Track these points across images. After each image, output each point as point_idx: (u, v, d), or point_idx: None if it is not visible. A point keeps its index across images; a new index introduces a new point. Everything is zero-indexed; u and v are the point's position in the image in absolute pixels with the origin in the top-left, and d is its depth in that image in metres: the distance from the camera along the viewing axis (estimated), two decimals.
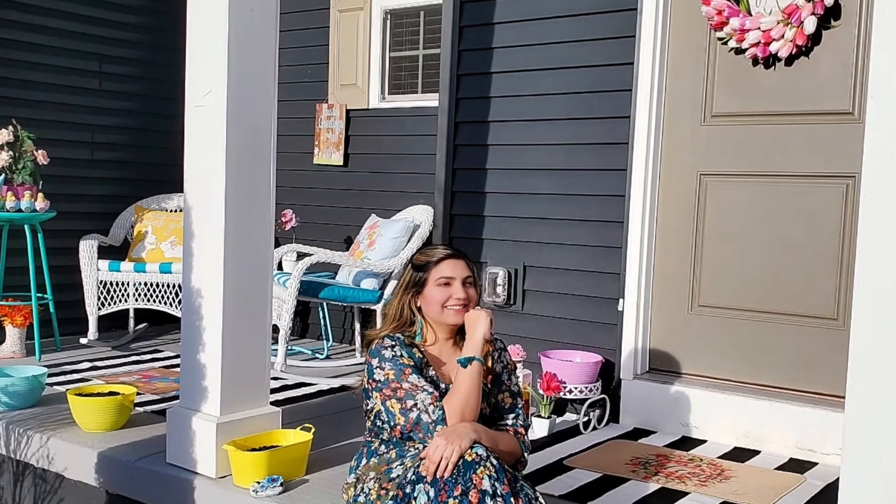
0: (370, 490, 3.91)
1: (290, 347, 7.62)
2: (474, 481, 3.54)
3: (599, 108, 6.50)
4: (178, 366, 5.54)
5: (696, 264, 6.26)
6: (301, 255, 7.80)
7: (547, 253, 6.80)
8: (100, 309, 8.02)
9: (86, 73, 8.62)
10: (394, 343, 4.10)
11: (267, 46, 4.94)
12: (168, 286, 8.01)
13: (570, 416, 6.45)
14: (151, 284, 8.04)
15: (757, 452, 5.80)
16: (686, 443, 5.97)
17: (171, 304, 8.03)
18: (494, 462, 3.63)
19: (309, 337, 9.02)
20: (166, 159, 8.18)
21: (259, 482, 4.62)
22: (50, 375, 6.43)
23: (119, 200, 8.73)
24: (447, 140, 7.17)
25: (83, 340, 8.02)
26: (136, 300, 8.11)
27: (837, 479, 3.48)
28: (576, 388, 6.20)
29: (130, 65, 8.97)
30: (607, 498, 4.86)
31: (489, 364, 4.18)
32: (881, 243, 4.41)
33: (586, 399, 6.21)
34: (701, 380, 6.25)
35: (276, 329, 6.91)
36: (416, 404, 3.89)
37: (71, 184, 8.34)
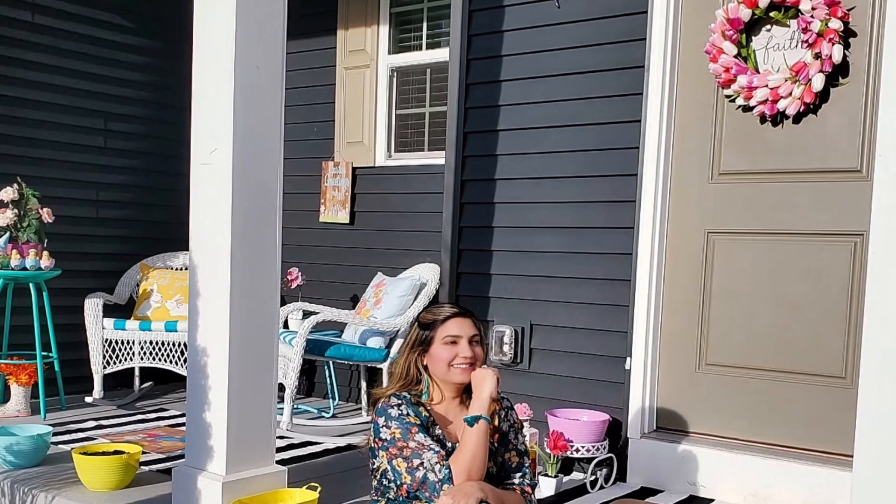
0: None
1: (295, 406, 7.57)
2: None
3: (606, 166, 6.50)
4: (183, 424, 5.53)
5: (704, 322, 6.23)
6: (307, 314, 7.76)
7: (554, 311, 6.77)
8: (105, 367, 8.01)
9: (91, 130, 8.63)
10: (400, 402, 4.08)
11: (273, 104, 4.95)
12: (173, 344, 7.99)
13: (577, 475, 6.40)
14: (157, 343, 8.02)
15: None
16: (694, 502, 5.92)
17: (176, 363, 8.00)
18: None
19: (315, 395, 8.97)
20: (172, 217, 8.17)
21: None
22: (55, 434, 6.40)
23: (124, 258, 8.72)
24: (454, 198, 7.17)
25: (88, 399, 8.01)
26: (142, 359, 8.09)
27: None
28: (583, 447, 6.16)
29: (136, 122, 8.98)
30: None
31: (496, 423, 4.18)
32: (889, 301, 4.39)
33: (593, 458, 6.16)
34: (709, 438, 6.20)
35: (281, 387, 6.87)
36: (422, 463, 3.87)
37: (76, 242, 8.33)
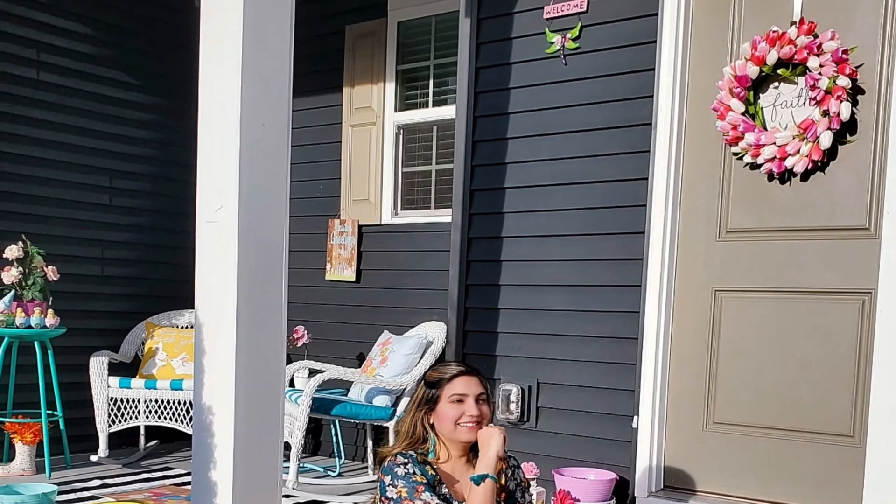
0: None
1: (301, 464, 7.54)
2: None
3: (613, 224, 6.50)
4: (189, 483, 5.48)
5: (712, 380, 6.21)
6: (313, 372, 7.76)
7: (561, 369, 6.75)
8: (110, 426, 7.99)
9: (96, 188, 8.63)
10: (406, 460, 4.07)
11: (279, 161, 4.94)
12: (179, 403, 7.97)
13: None
14: (162, 401, 8.01)
15: None
16: None
17: (182, 421, 7.98)
18: None
19: (321, 454, 8.93)
20: (177, 275, 8.15)
21: None
22: (60, 493, 6.38)
23: (130, 316, 8.72)
24: (460, 256, 7.16)
25: (94, 458, 7.97)
26: (147, 417, 8.08)
27: None
28: None
29: (141, 180, 9.00)
30: None
31: (503, 481, 4.17)
32: None
33: None
34: (716, 497, 6.16)
35: (287, 446, 6.85)
36: None
37: (81, 300, 8.32)
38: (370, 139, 8.62)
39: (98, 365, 7.93)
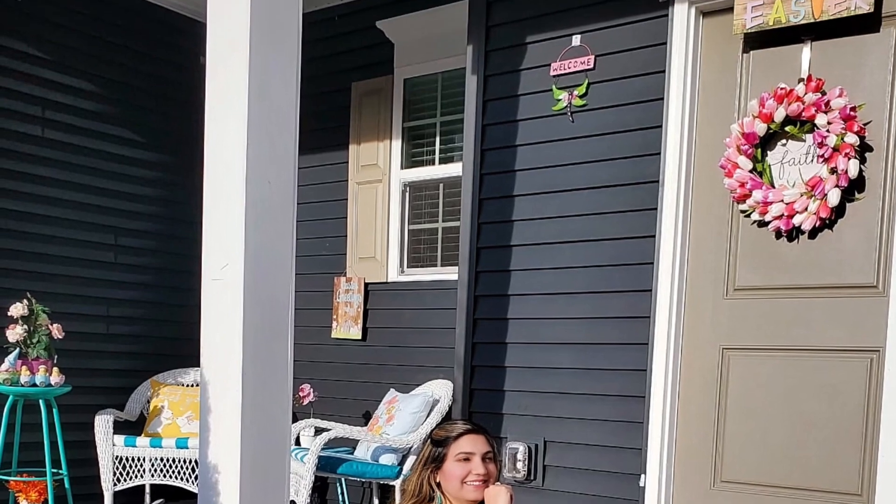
0: None
1: None
2: None
3: (620, 282, 6.49)
4: None
5: (719, 439, 6.17)
6: (319, 430, 7.73)
7: (567, 428, 6.72)
8: (115, 484, 7.96)
9: (101, 245, 8.63)
10: None
11: (284, 219, 4.95)
12: (184, 461, 7.94)
13: None
14: (168, 460, 7.97)
15: None
16: None
17: (187, 480, 7.94)
18: None
19: None
20: (182, 333, 8.14)
21: None
22: None
23: (135, 375, 8.69)
24: (467, 313, 7.16)
25: None
26: (153, 475, 8.04)
27: None
28: None
29: (146, 237, 8.99)
30: None
31: None
32: None
33: None
34: None
35: None
36: None
37: (86, 358, 8.29)
38: (376, 196, 8.63)
39: (103, 423, 7.92)
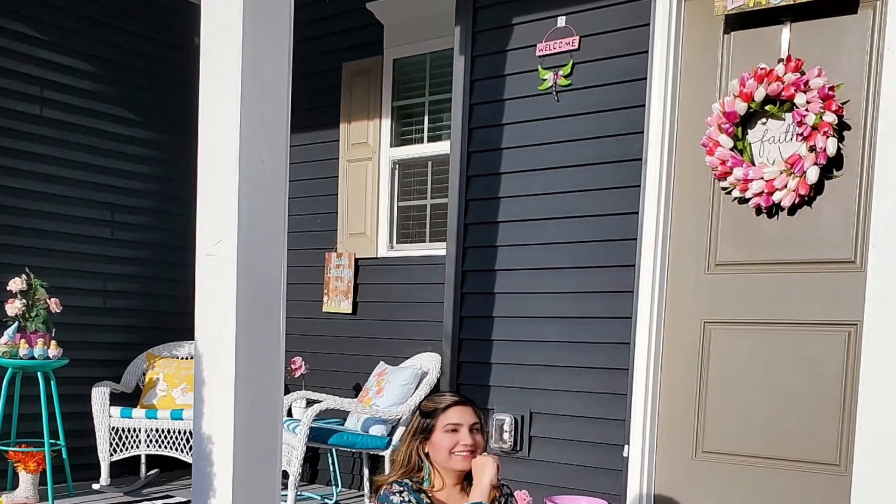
0: None
1: (299, 493, 7.60)
2: None
3: (605, 257, 6.56)
4: None
5: (700, 411, 6.25)
6: (310, 402, 7.80)
7: (553, 400, 6.81)
8: (112, 455, 8.06)
9: (98, 222, 8.72)
10: (402, 489, 4.14)
11: (277, 196, 5.00)
12: (179, 432, 8.04)
13: None
14: (163, 431, 8.07)
15: None
16: None
17: (182, 450, 8.05)
18: None
19: (318, 482, 8.98)
20: (177, 307, 8.20)
21: None
22: None
23: (131, 348, 8.79)
24: (455, 288, 7.23)
25: (95, 486, 8.05)
26: (148, 446, 8.13)
27: None
28: None
29: (142, 214, 9.08)
30: None
31: None
32: (883, 389, 4.47)
33: None
34: None
35: (285, 474, 6.90)
36: None
37: (83, 331, 8.39)
38: (366, 174, 8.71)
39: (100, 395, 8.01)
